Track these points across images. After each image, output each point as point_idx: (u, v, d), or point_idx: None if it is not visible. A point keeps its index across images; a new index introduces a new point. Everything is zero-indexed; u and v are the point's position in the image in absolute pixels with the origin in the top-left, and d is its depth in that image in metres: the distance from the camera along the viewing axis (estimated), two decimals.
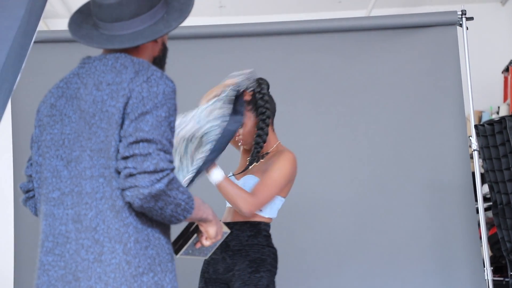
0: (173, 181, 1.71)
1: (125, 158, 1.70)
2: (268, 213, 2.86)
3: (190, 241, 1.97)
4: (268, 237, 2.86)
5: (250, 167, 2.91)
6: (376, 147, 4.13)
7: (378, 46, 4.19)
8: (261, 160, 2.91)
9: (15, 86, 2.24)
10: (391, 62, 4.19)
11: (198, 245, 2.00)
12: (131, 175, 1.68)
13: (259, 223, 2.84)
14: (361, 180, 4.11)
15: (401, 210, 4.05)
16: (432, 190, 4.04)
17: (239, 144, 2.94)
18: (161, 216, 1.74)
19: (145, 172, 1.67)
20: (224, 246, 2.82)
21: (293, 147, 4.16)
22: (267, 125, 2.88)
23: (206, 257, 2.09)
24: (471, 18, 3.99)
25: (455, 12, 4.04)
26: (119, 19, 1.84)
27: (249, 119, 2.85)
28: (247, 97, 2.73)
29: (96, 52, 1.95)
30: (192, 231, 1.96)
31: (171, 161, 1.72)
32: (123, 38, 1.84)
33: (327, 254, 4.07)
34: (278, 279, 3.46)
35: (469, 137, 4.04)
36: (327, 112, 4.20)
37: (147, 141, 1.69)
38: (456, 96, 4.05)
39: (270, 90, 4.26)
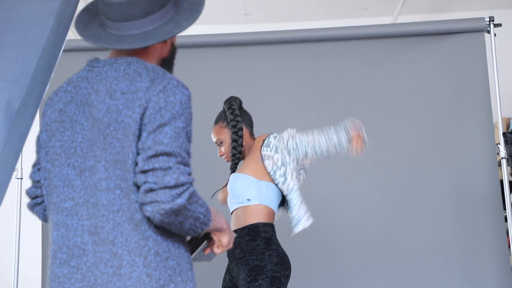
0: (193, 194, 1.67)
1: (145, 172, 1.65)
2: (257, 199, 2.88)
3: (200, 247, 1.94)
4: (268, 239, 2.84)
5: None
6: (402, 155, 4.10)
7: (404, 53, 4.17)
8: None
9: (44, 95, 2.26)
10: (417, 69, 4.17)
11: (207, 251, 1.97)
12: (151, 190, 1.64)
13: (256, 225, 2.85)
14: (387, 188, 4.09)
15: (428, 218, 4.02)
16: (460, 198, 4.00)
17: (226, 161, 3.08)
18: (179, 230, 1.71)
19: (166, 187, 1.63)
20: (231, 255, 2.89)
21: None
22: (240, 137, 3.02)
23: (210, 261, 2.07)
24: (499, 25, 3.96)
25: (483, 18, 4.00)
26: (129, 18, 1.77)
27: (227, 136, 3.04)
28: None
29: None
30: (202, 237, 1.94)
31: (190, 174, 1.69)
32: (132, 38, 1.78)
33: (353, 262, 4.05)
34: (304, 287, 3.46)
35: (497, 144, 4.00)
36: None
37: (167, 154, 1.65)
38: (484, 103, 4.02)
39: (297, 97, 4.31)
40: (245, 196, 2.88)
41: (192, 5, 1.86)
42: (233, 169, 3.02)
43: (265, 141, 2.92)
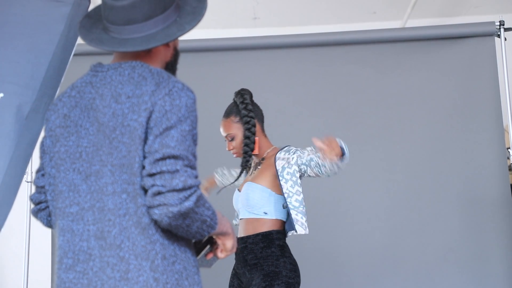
0: (200, 197, 1.68)
1: (152, 175, 1.65)
2: (274, 214, 2.87)
3: (203, 252, 1.93)
4: (283, 246, 2.85)
5: (250, 176, 2.99)
6: (412, 159, 4.09)
7: (414, 58, 4.16)
8: (259, 167, 2.97)
9: (55, 99, 2.26)
10: (427, 73, 4.16)
11: (210, 256, 1.96)
12: (159, 193, 1.64)
13: (270, 232, 2.85)
14: (396, 193, 4.08)
15: (437, 223, 4.00)
16: (470, 203, 3.99)
17: (235, 156, 3.01)
18: (186, 233, 1.71)
19: (174, 190, 1.63)
20: (243, 261, 2.87)
21: None
22: (253, 133, 2.97)
23: (210, 268, 2.04)
24: (509, 29, 3.95)
25: (493, 22, 3.99)
26: (131, 21, 1.78)
27: (239, 130, 2.97)
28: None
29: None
30: (205, 242, 1.93)
31: (197, 177, 1.69)
32: (135, 41, 1.78)
33: (361, 266, 4.04)
34: None
35: (507, 149, 3.98)
36: (362, 124, 4.18)
37: (174, 157, 1.65)
38: (494, 107, 4.00)
39: (306, 101, 4.27)
40: (262, 209, 2.87)
41: (195, 9, 1.86)
42: (244, 167, 2.97)
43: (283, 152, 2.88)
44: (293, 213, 2.80)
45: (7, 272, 5.14)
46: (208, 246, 1.93)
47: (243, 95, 3.02)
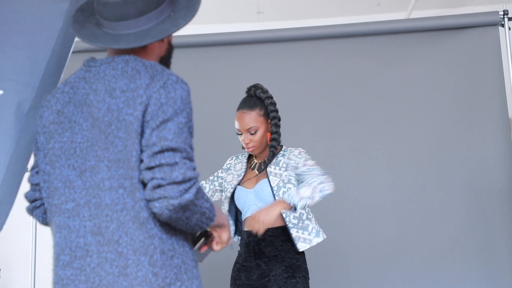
0: (200, 189, 1.68)
1: (151, 168, 1.65)
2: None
3: (198, 245, 1.93)
4: None
5: (258, 173, 2.95)
6: (417, 152, 4.07)
7: (418, 49, 4.14)
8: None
9: (48, 96, 2.25)
10: (431, 65, 4.13)
11: (204, 249, 1.96)
12: (159, 186, 1.63)
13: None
14: (402, 185, 4.06)
15: (443, 216, 3.98)
16: (475, 194, 3.96)
17: (249, 151, 2.96)
18: (186, 226, 1.71)
19: (174, 183, 1.63)
20: (259, 253, 2.88)
21: (332, 152, 4.14)
22: (279, 127, 2.95)
23: (201, 262, 2.03)
24: None
25: (497, 12, 3.96)
26: (125, 17, 1.76)
27: (262, 124, 2.92)
28: None
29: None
30: (199, 235, 1.93)
31: (195, 168, 1.69)
32: (129, 37, 1.77)
33: (368, 260, 4.03)
34: (319, 284, 3.46)
35: None
36: (367, 116, 4.16)
37: (172, 150, 1.65)
38: (499, 98, 3.97)
39: (311, 94, 4.26)
40: None
41: (189, 3, 1.84)
42: (270, 161, 2.93)
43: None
44: (293, 232, 2.84)
45: (15, 272, 5.16)
46: (202, 239, 1.93)
47: (263, 89, 2.98)
